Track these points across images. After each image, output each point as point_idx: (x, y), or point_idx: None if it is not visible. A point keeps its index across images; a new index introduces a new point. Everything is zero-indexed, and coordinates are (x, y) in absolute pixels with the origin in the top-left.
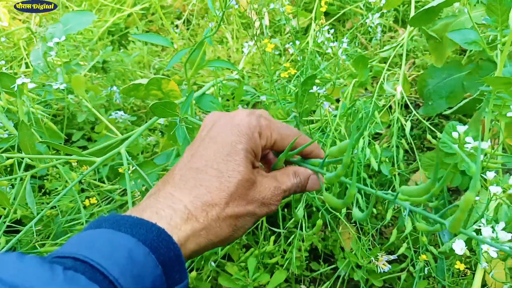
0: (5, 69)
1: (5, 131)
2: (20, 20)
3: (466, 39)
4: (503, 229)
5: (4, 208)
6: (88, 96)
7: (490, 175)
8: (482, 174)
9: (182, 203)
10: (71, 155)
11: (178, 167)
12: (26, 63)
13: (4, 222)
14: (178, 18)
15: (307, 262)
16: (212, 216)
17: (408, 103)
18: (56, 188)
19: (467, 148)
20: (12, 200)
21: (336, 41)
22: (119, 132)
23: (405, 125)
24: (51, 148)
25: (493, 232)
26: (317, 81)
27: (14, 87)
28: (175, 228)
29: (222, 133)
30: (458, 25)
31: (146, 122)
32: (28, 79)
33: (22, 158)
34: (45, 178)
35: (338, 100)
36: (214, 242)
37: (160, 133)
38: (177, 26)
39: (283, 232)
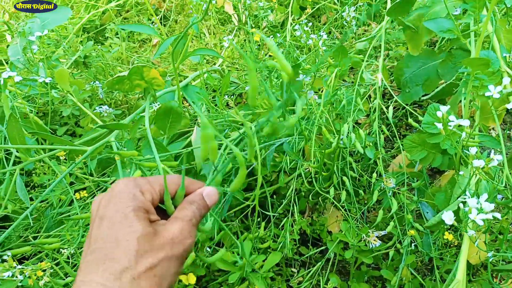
0: None
1: None
2: None
3: (441, 28)
4: (486, 200)
5: None
6: (72, 90)
7: (473, 150)
8: (463, 151)
9: (95, 282)
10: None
11: (83, 256)
12: None
13: None
14: (154, 14)
15: (297, 246)
16: (126, 279)
17: (390, 89)
18: (44, 183)
19: (450, 126)
20: (2, 195)
21: (314, 34)
22: None
23: (387, 111)
24: (39, 142)
25: (477, 203)
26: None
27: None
28: None
29: (108, 208)
30: (433, 15)
31: (128, 116)
32: (14, 73)
33: (9, 154)
34: (32, 172)
35: (319, 90)
36: None
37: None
38: (153, 22)
39: (273, 218)
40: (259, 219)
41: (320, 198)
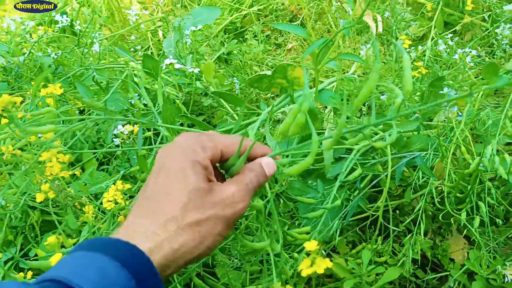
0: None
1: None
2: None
3: None
4: None
5: (143, 173)
6: (213, 83)
7: None
8: None
9: (144, 226)
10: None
11: (137, 199)
12: (151, 52)
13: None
14: (291, 21)
15: (414, 267)
16: (172, 227)
17: None
18: None
19: None
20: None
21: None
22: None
23: None
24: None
25: None
26: None
27: (162, 66)
28: (139, 245)
29: (168, 159)
30: None
31: (258, 114)
32: (175, 60)
33: (157, 134)
34: None
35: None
36: (182, 251)
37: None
38: None
39: (392, 233)
40: (377, 233)
41: (445, 222)
